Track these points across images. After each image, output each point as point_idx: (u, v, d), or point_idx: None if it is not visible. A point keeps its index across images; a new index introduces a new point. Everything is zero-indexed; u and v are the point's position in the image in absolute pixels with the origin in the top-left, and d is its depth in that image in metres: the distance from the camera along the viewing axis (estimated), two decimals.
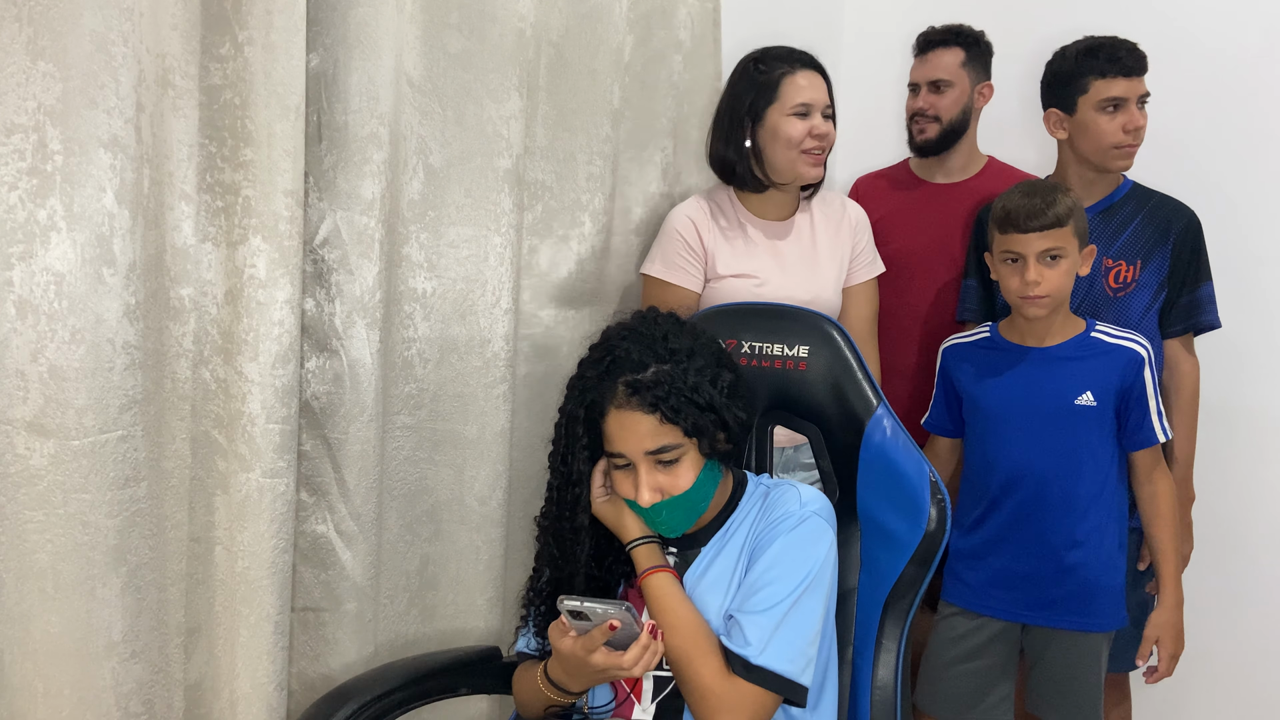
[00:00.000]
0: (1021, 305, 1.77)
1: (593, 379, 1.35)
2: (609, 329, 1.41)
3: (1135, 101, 1.91)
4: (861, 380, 1.57)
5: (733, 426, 1.36)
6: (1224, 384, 2.16)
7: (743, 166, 1.91)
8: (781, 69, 1.88)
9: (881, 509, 1.51)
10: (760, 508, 1.42)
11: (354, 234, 1.58)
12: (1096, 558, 1.78)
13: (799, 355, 1.60)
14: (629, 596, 1.43)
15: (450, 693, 1.56)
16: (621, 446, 1.33)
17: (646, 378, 1.31)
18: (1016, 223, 1.74)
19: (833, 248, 1.99)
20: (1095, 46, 1.93)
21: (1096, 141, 1.94)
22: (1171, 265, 1.95)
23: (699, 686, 1.29)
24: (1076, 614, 1.80)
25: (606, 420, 1.34)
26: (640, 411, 1.31)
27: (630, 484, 1.34)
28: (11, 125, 1.25)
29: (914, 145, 2.25)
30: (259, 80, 1.42)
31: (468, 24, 1.70)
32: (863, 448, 1.54)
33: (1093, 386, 1.76)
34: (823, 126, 1.87)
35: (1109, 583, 1.80)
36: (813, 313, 1.65)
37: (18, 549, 1.32)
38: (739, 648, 1.30)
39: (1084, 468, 1.77)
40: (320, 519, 1.63)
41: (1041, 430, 1.78)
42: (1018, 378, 1.82)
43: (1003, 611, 1.84)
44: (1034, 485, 1.78)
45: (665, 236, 1.93)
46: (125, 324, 1.35)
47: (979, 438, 1.86)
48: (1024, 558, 1.80)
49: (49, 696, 1.35)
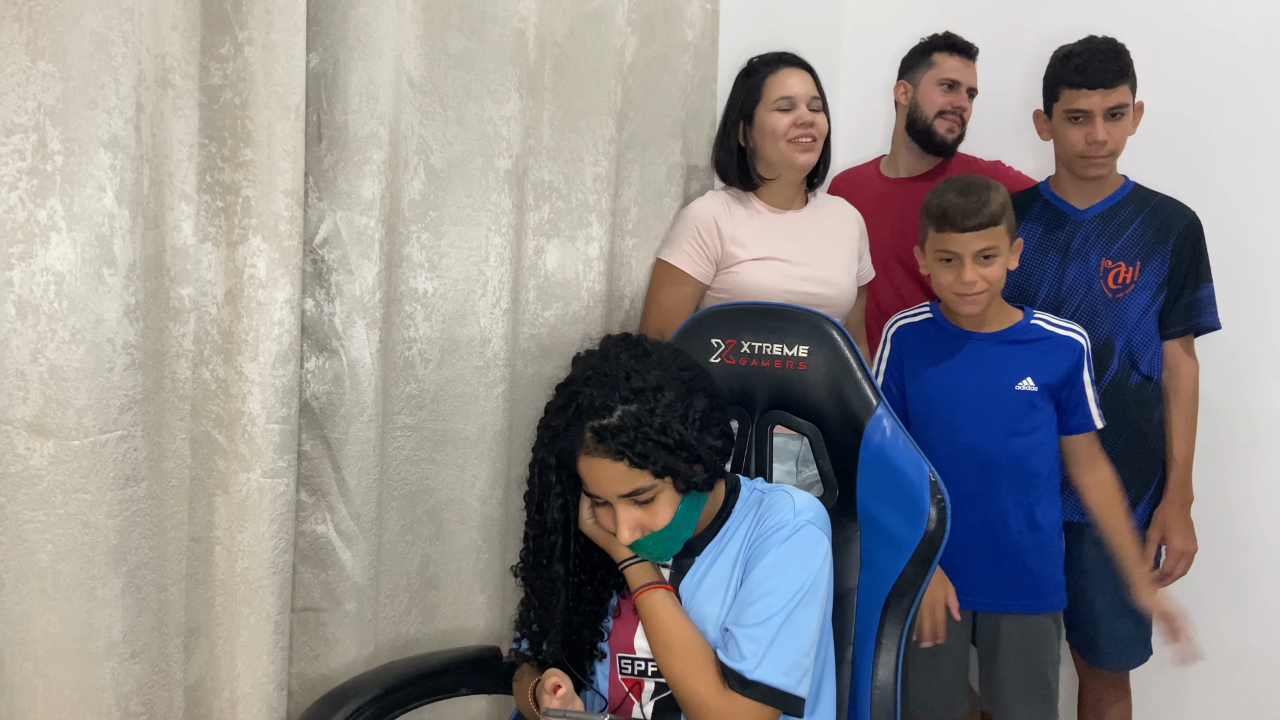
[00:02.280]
0: (957, 302, 1.80)
1: (559, 427, 1.33)
2: (574, 370, 1.39)
3: (1103, 114, 1.90)
4: (861, 380, 1.58)
5: (707, 458, 1.33)
6: (1224, 384, 2.16)
7: (733, 166, 2.01)
8: (765, 70, 1.99)
9: (881, 509, 1.51)
10: (754, 515, 1.42)
11: (354, 234, 1.58)
12: (1044, 541, 1.82)
13: (798, 355, 1.60)
14: (622, 611, 1.43)
15: (450, 693, 1.57)
16: (596, 490, 1.33)
17: (612, 423, 1.28)
18: (954, 221, 1.75)
19: (845, 242, 2.05)
20: (1069, 54, 1.94)
21: (1065, 149, 1.98)
22: (1172, 266, 1.95)
23: (696, 702, 1.30)
24: (1025, 596, 1.83)
25: (579, 465, 1.33)
26: (608, 459, 1.28)
27: (611, 520, 1.34)
28: (11, 125, 1.25)
29: (936, 142, 2.25)
30: (259, 80, 1.42)
31: (468, 24, 1.70)
32: (862, 448, 1.54)
33: (1033, 373, 1.79)
34: (808, 116, 1.94)
35: (1053, 566, 1.85)
36: (812, 312, 1.66)
37: (18, 549, 1.32)
38: (734, 662, 1.30)
39: (1029, 453, 1.80)
40: (320, 519, 1.63)
41: (987, 414, 1.81)
42: (962, 362, 1.84)
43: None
44: (979, 469, 1.80)
45: (681, 224, 2.01)
46: (125, 324, 1.35)
47: (925, 421, 1.87)
48: (971, 543, 1.81)
49: (49, 696, 1.35)
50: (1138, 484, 1.97)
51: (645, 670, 1.39)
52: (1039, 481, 1.81)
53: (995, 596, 1.84)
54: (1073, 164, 1.97)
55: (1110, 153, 1.93)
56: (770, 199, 2.02)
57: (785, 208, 2.03)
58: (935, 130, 2.23)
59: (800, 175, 2.00)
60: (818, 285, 1.95)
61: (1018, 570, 1.82)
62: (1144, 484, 1.98)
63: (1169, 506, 1.96)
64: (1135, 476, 1.96)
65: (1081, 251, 1.97)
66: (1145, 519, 1.98)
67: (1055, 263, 1.98)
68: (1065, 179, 2.01)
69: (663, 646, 1.33)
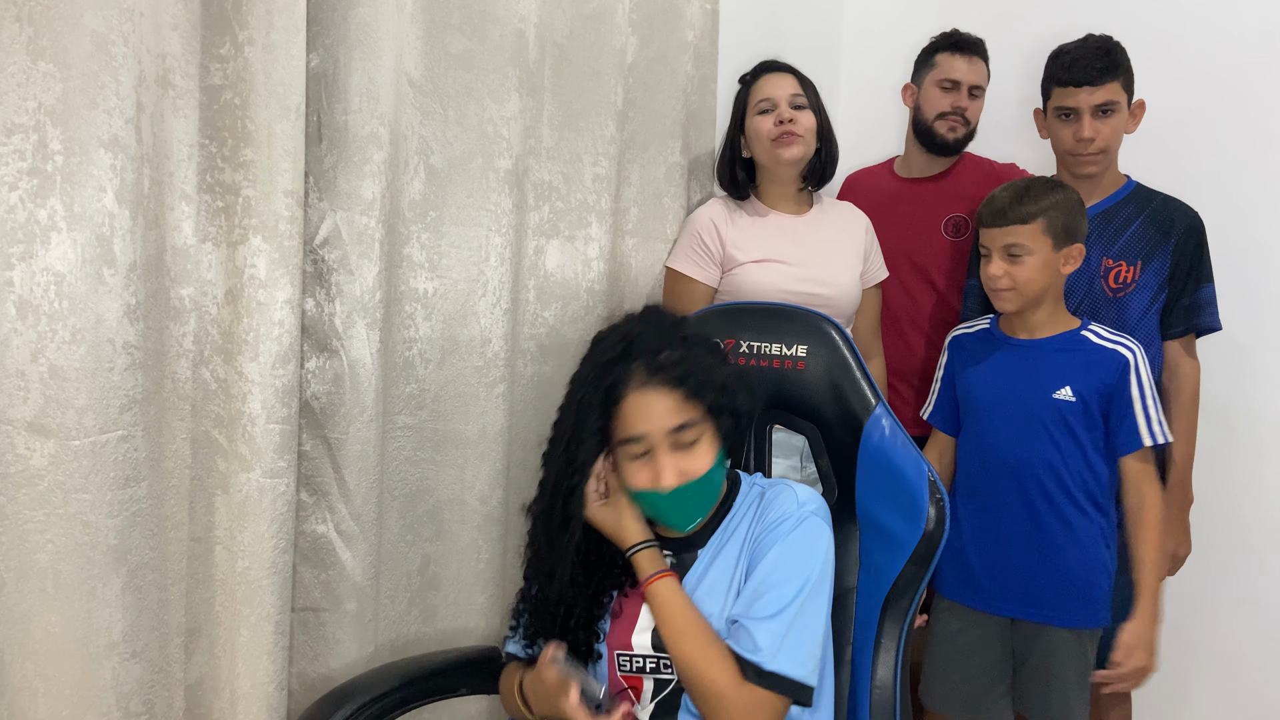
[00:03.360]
0: (992, 297, 1.84)
1: (609, 363, 1.35)
2: (617, 323, 1.43)
3: (1090, 111, 1.90)
4: (860, 380, 1.57)
5: (741, 414, 1.39)
6: (1224, 385, 2.15)
7: (726, 174, 2.06)
8: (750, 80, 2.05)
9: (880, 508, 1.51)
10: (756, 509, 1.42)
11: (354, 234, 1.58)
12: (1080, 555, 1.79)
13: (797, 355, 1.60)
14: (623, 606, 1.43)
15: (450, 693, 1.57)
16: (644, 427, 1.33)
17: (666, 357, 1.34)
18: (984, 217, 1.81)
19: (850, 243, 2.07)
20: (1059, 52, 1.95)
21: (1056, 147, 1.99)
22: (1173, 266, 1.94)
23: (713, 692, 1.29)
24: (1055, 609, 1.80)
25: (624, 404, 1.34)
26: (663, 389, 1.32)
27: (647, 473, 1.34)
28: (12, 125, 1.25)
29: (939, 143, 2.24)
30: (259, 80, 1.42)
31: (469, 24, 1.70)
32: (861, 447, 1.54)
33: (1073, 382, 1.78)
34: (788, 113, 1.97)
35: (1092, 580, 1.80)
36: (811, 312, 1.66)
37: (18, 549, 1.32)
38: (749, 654, 1.29)
39: (1065, 464, 1.78)
40: (320, 519, 1.63)
41: (1022, 422, 1.80)
42: (1001, 367, 1.85)
43: (987, 605, 1.86)
44: (1015, 478, 1.80)
45: (686, 232, 2.05)
46: (125, 324, 1.35)
47: (967, 427, 1.90)
48: (1008, 551, 1.81)
49: (49, 696, 1.35)
50: None
51: (644, 668, 1.39)
52: (1077, 492, 1.78)
53: (1033, 607, 1.81)
54: (1065, 162, 1.98)
55: (1100, 150, 1.92)
56: (773, 203, 2.05)
57: (789, 211, 2.05)
58: (936, 131, 2.23)
59: (792, 172, 2.01)
60: (817, 286, 1.96)
61: (1057, 582, 1.79)
62: None
63: (1167, 508, 1.94)
64: None
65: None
66: None
67: None
68: (1065, 178, 2.01)
69: (678, 634, 1.33)
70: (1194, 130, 2.23)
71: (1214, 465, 2.14)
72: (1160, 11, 2.24)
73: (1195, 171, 2.18)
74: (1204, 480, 2.01)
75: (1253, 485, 2.24)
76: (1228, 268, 2.04)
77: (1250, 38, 2.19)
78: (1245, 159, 2.20)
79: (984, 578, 1.85)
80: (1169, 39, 2.19)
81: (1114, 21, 2.02)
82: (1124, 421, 1.77)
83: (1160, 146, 2.10)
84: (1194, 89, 2.23)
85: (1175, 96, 2.16)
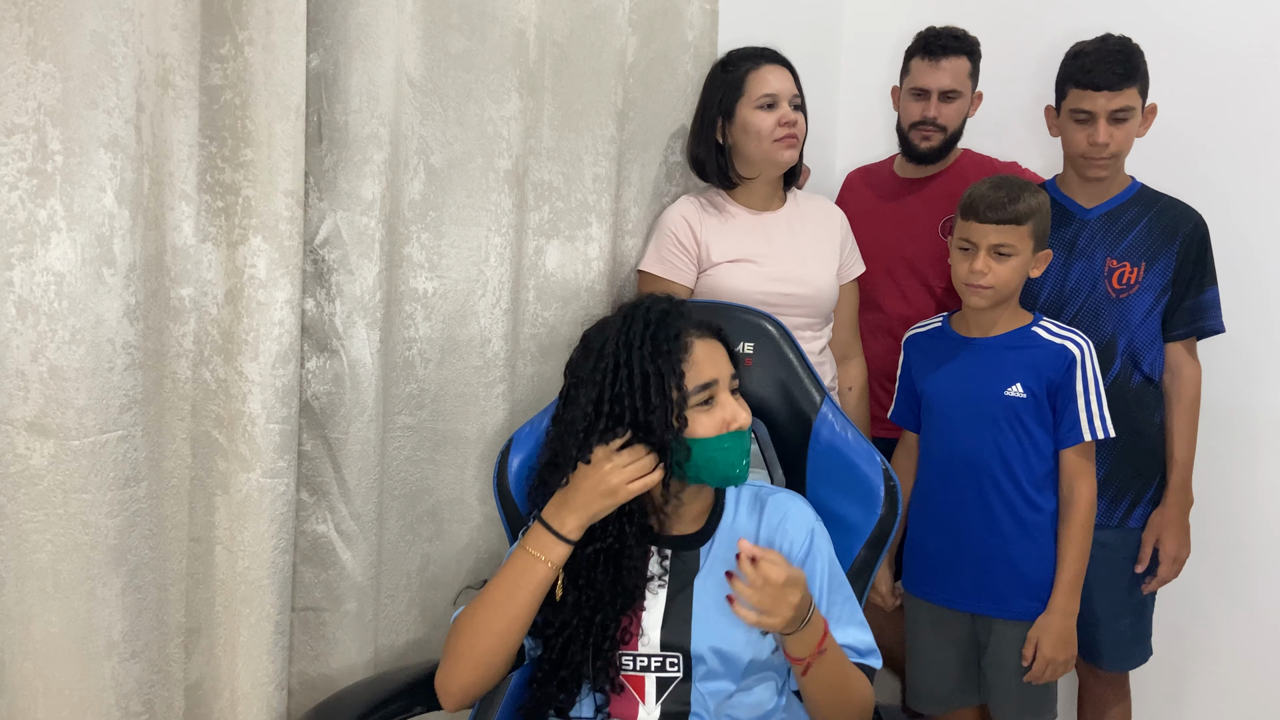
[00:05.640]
0: (965, 292, 1.82)
1: (662, 319, 1.37)
2: (610, 322, 1.44)
3: (1106, 116, 1.88)
4: (804, 377, 1.63)
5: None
6: (1225, 387, 2.15)
7: (713, 164, 1.98)
8: (746, 65, 1.96)
9: (834, 498, 1.57)
10: (754, 509, 1.45)
11: (354, 234, 1.58)
12: (1030, 549, 1.80)
13: (744, 351, 1.65)
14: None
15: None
16: (713, 372, 1.37)
17: (710, 318, 1.43)
18: (977, 211, 1.78)
19: (825, 239, 2.04)
20: (1080, 53, 1.93)
21: (1069, 148, 1.97)
22: (1177, 269, 1.94)
23: (862, 706, 1.39)
24: (1006, 603, 1.83)
25: (692, 352, 1.36)
26: (715, 339, 1.40)
27: (716, 417, 1.36)
28: (11, 125, 1.25)
29: (914, 153, 2.22)
30: (259, 80, 1.42)
31: (469, 24, 1.70)
32: (811, 443, 1.60)
33: (1023, 379, 1.79)
34: (790, 115, 1.93)
35: (1041, 573, 1.81)
36: (754, 310, 1.69)
37: (18, 549, 1.32)
38: (861, 659, 1.41)
39: (1019, 460, 1.79)
40: (321, 519, 1.63)
41: (977, 419, 1.81)
42: (956, 367, 1.86)
43: (948, 600, 1.88)
44: (972, 474, 1.81)
45: (658, 233, 1.98)
46: (125, 324, 1.35)
47: (926, 425, 1.91)
48: (965, 546, 1.83)
49: (49, 696, 1.35)
50: (1138, 486, 1.96)
51: (649, 666, 1.40)
52: (1030, 488, 1.80)
53: (988, 600, 1.84)
54: (1075, 163, 1.97)
55: (1113, 155, 1.92)
56: (745, 200, 2.00)
57: (761, 208, 2.00)
58: (910, 140, 2.22)
59: (780, 173, 1.99)
60: (793, 285, 1.94)
61: (1010, 575, 1.81)
62: (1144, 486, 1.97)
63: (1167, 510, 1.95)
64: (1135, 478, 1.96)
65: (1086, 251, 1.97)
66: (1144, 521, 1.98)
67: (1060, 261, 1.97)
68: (1072, 178, 2.01)
69: (842, 692, 1.38)
70: (1195, 132, 2.23)
71: (1214, 467, 2.14)
72: (1160, 12, 2.23)
73: (1195, 173, 2.18)
74: (1204, 480, 2.01)
75: (1253, 487, 2.24)
76: (1228, 268, 2.03)
77: (1254, 39, 2.19)
78: (1246, 161, 2.20)
79: (945, 573, 1.87)
80: (1172, 40, 2.18)
81: (1115, 22, 2.01)
82: (1065, 415, 1.79)
83: (1161, 148, 2.10)
84: (1195, 90, 2.22)
85: (1176, 96, 2.16)
